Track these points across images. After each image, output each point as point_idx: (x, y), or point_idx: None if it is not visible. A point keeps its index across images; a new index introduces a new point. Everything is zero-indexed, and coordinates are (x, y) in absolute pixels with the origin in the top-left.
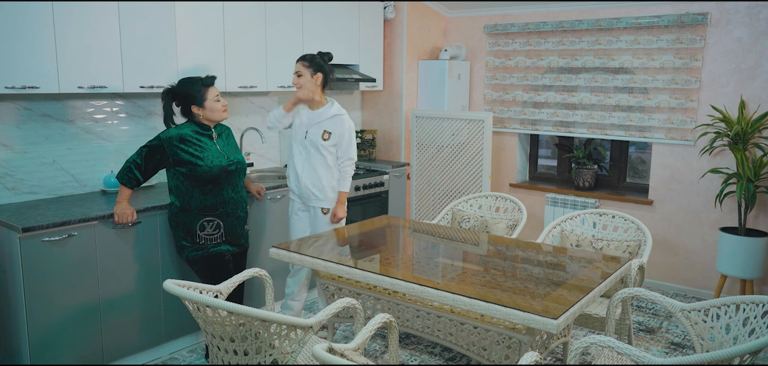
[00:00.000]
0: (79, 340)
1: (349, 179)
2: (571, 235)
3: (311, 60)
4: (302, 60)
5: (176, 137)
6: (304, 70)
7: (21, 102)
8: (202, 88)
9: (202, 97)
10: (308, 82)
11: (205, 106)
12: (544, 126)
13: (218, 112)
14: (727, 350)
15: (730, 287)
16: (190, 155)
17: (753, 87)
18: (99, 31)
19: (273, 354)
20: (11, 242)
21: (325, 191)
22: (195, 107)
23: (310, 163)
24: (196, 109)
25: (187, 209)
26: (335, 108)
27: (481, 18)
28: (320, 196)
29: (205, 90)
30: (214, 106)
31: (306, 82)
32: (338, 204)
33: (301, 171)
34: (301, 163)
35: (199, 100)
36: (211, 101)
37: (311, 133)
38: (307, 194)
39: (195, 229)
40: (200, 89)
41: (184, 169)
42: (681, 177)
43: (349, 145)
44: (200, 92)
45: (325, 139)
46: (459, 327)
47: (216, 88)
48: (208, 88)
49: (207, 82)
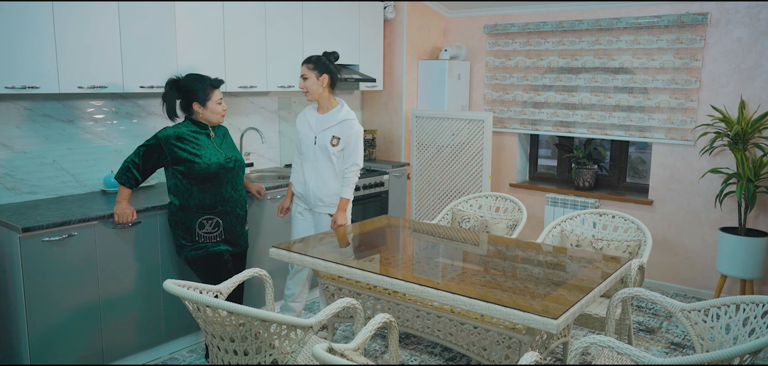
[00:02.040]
0: (79, 340)
1: (351, 185)
2: (571, 235)
3: (316, 61)
4: (307, 62)
5: (173, 136)
6: (309, 73)
7: (21, 102)
8: (208, 88)
9: (206, 97)
10: (314, 84)
11: (207, 106)
12: (544, 126)
13: (217, 115)
14: (727, 350)
15: (730, 287)
16: (187, 153)
17: (753, 87)
18: (99, 31)
19: (273, 354)
20: (11, 242)
21: (333, 199)
22: (197, 105)
23: (318, 170)
24: (198, 106)
25: (186, 208)
26: (344, 111)
27: (481, 18)
28: (327, 203)
29: (210, 90)
30: (215, 108)
31: (312, 85)
32: (339, 210)
33: (309, 177)
34: (309, 169)
35: (203, 98)
36: (214, 103)
37: (321, 139)
38: (315, 201)
39: (194, 227)
40: (206, 88)
41: (182, 168)
42: (681, 177)
43: (354, 150)
44: (205, 91)
45: (334, 144)
46: (459, 327)
47: (220, 91)
48: (214, 89)
49: (214, 84)
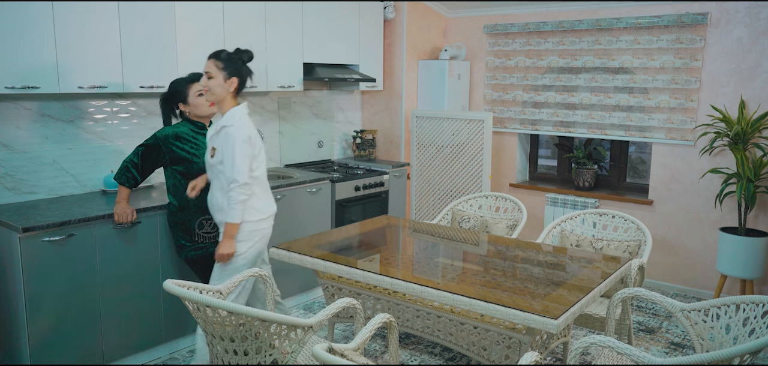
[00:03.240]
0: (79, 340)
1: (235, 207)
2: (571, 235)
3: (228, 60)
4: (216, 58)
5: (172, 135)
6: (216, 72)
7: (21, 102)
8: (185, 86)
9: (185, 94)
10: (220, 87)
11: (188, 102)
12: (544, 126)
13: (202, 106)
14: (727, 350)
15: (730, 287)
16: (185, 152)
17: (753, 87)
18: (99, 31)
19: (273, 354)
20: (11, 242)
21: None
22: (182, 105)
23: (212, 186)
24: (183, 106)
25: (185, 208)
26: (227, 116)
27: (481, 18)
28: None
29: (188, 87)
30: (196, 101)
31: (216, 86)
32: (224, 238)
33: (210, 196)
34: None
35: (184, 97)
36: (193, 97)
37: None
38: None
39: (194, 227)
40: (184, 87)
41: (181, 167)
42: (681, 177)
43: (231, 162)
44: (184, 89)
45: (212, 156)
46: (459, 327)
47: (199, 84)
48: (191, 84)
49: (190, 79)
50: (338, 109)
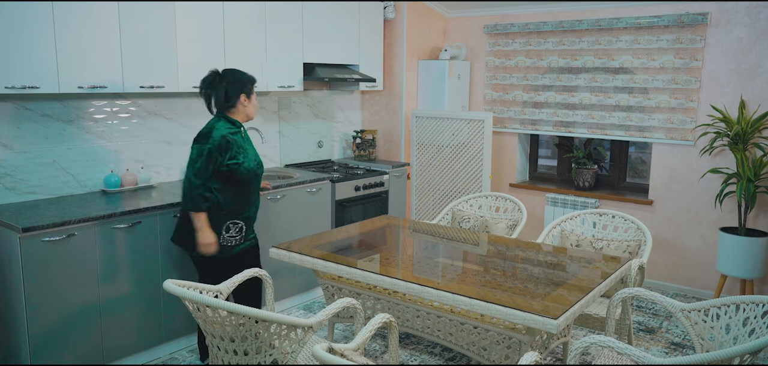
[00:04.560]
0: (79, 340)
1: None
2: (571, 235)
3: None
4: None
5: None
6: None
7: (21, 102)
8: (250, 83)
9: (251, 90)
10: None
11: (251, 100)
12: (544, 126)
13: (253, 111)
14: (727, 350)
15: (730, 287)
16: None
17: (753, 87)
18: (99, 31)
19: (273, 354)
20: (11, 242)
21: None
22: (244, 96)
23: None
24: (245, 99)
25: (214, 210)
26: None
27: (481, 18)
28: None
29: (252, 85)
30: (255, 103)
31: None
32: None
33: None
34: None
35: (249, 91)
36: (254, 98)
37: None
38: None
39: (220, 230)
40: (250, 83)
41: (225, 169)
42: (681, 177)
43: None
44: (250, 85)
45: None
46: (459, 327)
47: None
48: (254, 84)
49: (253, 80)
50: (338, 109)
